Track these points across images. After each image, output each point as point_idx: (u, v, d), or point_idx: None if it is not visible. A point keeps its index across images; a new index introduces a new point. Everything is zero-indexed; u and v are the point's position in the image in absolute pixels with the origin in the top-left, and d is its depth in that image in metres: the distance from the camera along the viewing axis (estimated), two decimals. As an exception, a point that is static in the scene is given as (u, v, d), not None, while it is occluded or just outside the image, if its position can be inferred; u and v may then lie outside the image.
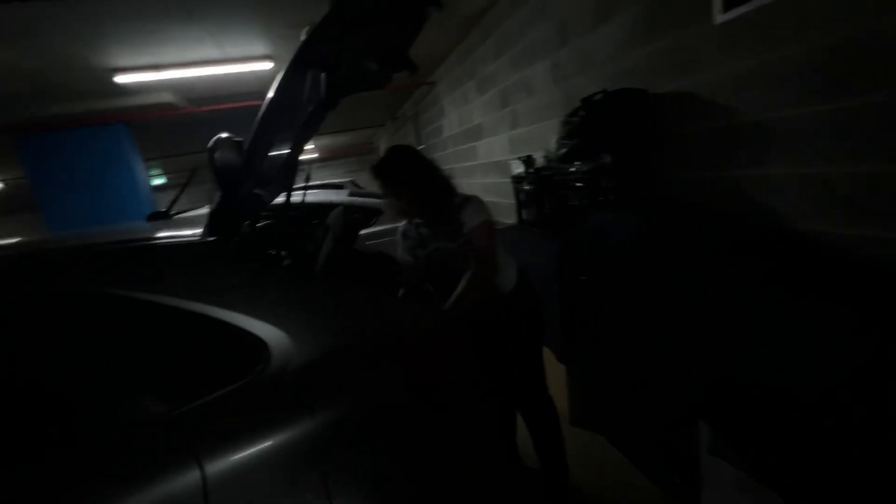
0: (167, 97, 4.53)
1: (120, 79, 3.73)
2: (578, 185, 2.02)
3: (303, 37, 1.25)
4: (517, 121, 3.40)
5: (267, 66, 4.00)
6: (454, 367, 1.04)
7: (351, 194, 3.73)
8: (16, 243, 1.40)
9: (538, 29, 2.84)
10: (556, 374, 2.05)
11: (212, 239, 0.98)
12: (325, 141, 10.79)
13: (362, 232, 3.01)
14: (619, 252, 1.63)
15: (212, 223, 1.00)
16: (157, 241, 1.04)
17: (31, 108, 4.16)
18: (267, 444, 0.81)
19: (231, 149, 1.16)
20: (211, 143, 1.08)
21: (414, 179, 1.45)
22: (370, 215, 3.17)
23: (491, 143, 4.05)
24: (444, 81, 5.27)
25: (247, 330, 0.89)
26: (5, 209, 12.36)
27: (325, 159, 14.79)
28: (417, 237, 1.59)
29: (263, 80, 4.46)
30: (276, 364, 0.89)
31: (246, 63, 3.91)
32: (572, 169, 2.03)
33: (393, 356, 0.96)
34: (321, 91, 1.84)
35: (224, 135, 1.20)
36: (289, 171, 1.99)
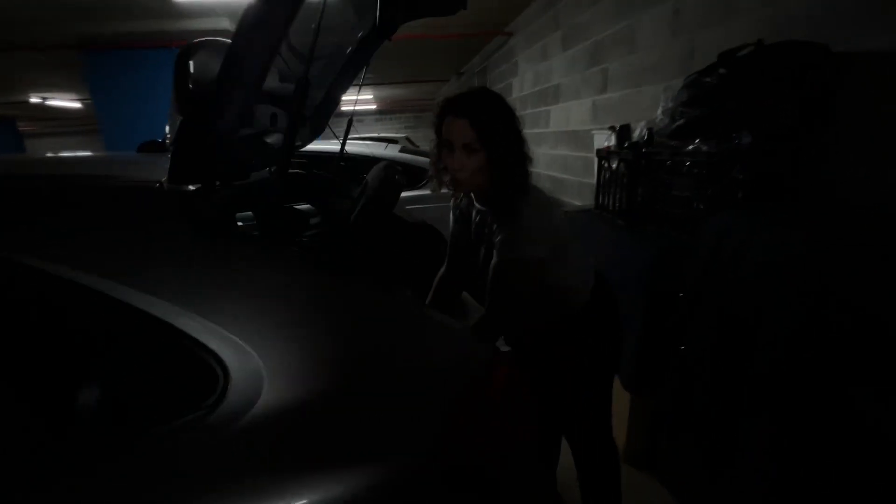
0: (224, 23, 4.27)
1: (177, -5, 3.47)
2: (695, 170, 1.51)
3: None
4: (608, 82, 2.82)
5: (328, -6, 3.59)
6: (515, 429, 0.68)
7: (402, 151, 3.35)
8: None
9: (659, -37, 2.22)
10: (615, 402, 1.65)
11: (173, 189, 0.64)
12: (385, 92, 10.34)
13: (405, 194, 2.63)
14: (752, 273, 1.16)
15: (177, 167, 0.66)
16: (81, 181, 0.70)
17: (95, 23, 4.03)
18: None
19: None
20: (184, 47, 0.70)
21: (504, 138, 1.01)
22: (417, 175, 2.77)
23: (569, 108, 3.48)
24: (521, 33, 4.64)
25: (198, 340, 0.56)
26: (87, 129, 13.31)
27: (384, 112, 14.40)
28: (468, 217, 1.19)
29: (324, 12, 4.06)
30: (234, 404, 0.55)
31: (306, -11, 3.51)
32: (690, 148, 1.52)
33: (430, 410, 0.61)
34: (375, 13, 1.41)
35: (215, 40, 0.82)
36: (325, 113, 1.63)
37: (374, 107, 13.01)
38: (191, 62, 0.68)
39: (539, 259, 1.02)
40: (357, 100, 1.71)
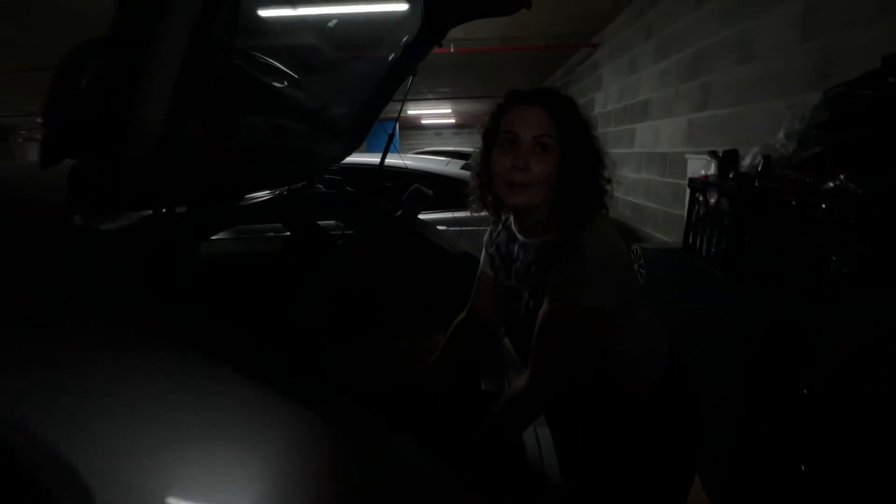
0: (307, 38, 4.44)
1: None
2: (836, 217, 1.10)
3: None
4: (709, 98, 2.38)
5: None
6: None
7: (464, 167, 3.15)
8: None
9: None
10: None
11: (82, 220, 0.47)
12: (464, 106, 10.34)
13: (451, 215, 2.43)
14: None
15: (69, 192, 0.49)
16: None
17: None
18: None
19: None
20: (81, 45, 0.52)
21: (584, 143, 0.79)
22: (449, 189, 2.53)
23: (658, 126, 3.04)
24: (608, 45, 4.24)
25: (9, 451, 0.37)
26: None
27: (462, 125, 14.48)
28: (506, 255, 0.93)
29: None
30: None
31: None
32: (830, 185, 1.11)
33: None
34: (420, 16, 1.23)
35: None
36: (362, 126, 1.47)
37: (453, 120, 13.14)
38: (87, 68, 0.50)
39: (607, 309, 0.74)
40: (400, 114, 1.56)
